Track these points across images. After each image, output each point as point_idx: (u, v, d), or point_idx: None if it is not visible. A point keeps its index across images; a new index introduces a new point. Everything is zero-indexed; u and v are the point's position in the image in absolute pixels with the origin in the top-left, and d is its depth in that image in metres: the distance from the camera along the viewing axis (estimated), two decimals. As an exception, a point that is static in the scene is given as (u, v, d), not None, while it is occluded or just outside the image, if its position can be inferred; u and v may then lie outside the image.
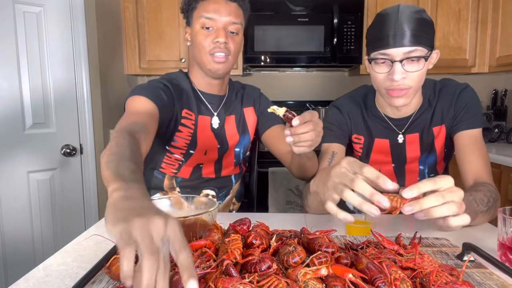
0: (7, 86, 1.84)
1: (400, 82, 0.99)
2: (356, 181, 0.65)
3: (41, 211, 2.01)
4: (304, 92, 3.03)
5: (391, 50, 0.97)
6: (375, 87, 1.10)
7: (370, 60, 1.04)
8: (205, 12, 1.11)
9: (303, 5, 2.53)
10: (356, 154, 1.26)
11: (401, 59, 0.98)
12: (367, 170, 0.66)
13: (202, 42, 1.12)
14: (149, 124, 0.95)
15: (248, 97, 1.32)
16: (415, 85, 1.02)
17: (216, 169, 1.27)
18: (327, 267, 0.59)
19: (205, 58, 1.14)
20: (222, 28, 1.11)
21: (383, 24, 0.99)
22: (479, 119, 1.10)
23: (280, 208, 2.37)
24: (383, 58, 1.00)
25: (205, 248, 0.64)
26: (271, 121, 1.29)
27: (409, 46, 0.96)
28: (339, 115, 1.22)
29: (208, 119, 1.22)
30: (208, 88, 1.23)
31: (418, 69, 0.99)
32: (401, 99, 1.03)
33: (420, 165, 1.20)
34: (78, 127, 2.14)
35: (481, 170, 1.05)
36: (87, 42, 2.13)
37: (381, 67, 1.02)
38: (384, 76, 1.02)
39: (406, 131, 1.17)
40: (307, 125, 0.82)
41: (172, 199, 0.89)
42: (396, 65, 0.98)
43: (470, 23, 2.62)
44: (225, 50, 1.12)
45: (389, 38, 0.97)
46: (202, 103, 1.22)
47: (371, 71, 1.06)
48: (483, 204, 0.92)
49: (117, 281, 0.65)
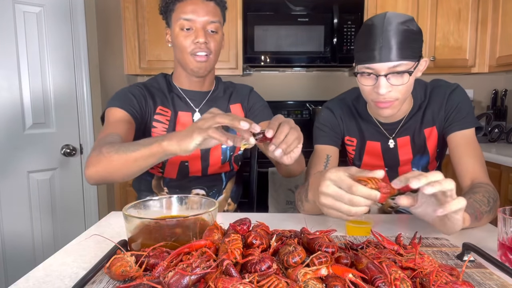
0: (7, 86, 1.84)
1: (386, 95, 1.00)
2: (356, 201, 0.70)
3: (41, 211, 2.01)
4: (304, 92, 3.03)
5: (376, 65, 0.97)
6: (364, 97, 1.10)
7: (356, 73, 1.04)
8: (183, 14, 1.12)
9: (303, 5, 2.53)
10: (349, 156, 1.27)
11: (385, 73, 0.97)
12: (356, 189, 0.69)
13: (182, 43, 1.14)
14: (127, 132, 1.07)
15: (237, 94, 1.33)
16: (402, 96, 1.02)
17: (203, 166, 1.27)
18: (327, 267, 0.59)
19: (187, 58, 1.16)
20: (201, 28, 1.13)
21: (369, 36, 0.98)
22: (471, 119, 1.11)
23: (280, 208, 2.37)
24: (368, 72, 1.00)
25: (205, 248, 0.64)
26: (260, 117, 1.29)
27: (395, 61, 0.96)
28: (332, 117, 1.22)
29: (189, 115, 1.24)
30: (189, 85, 1.25)
31: (403, 83, 0.99)
32: (387, 110, 1.04)
33: (413, 167, 1.20)
34: (78, 127, 2.14)
35: (477, 170, 1.05)
36: (87, 42, 2.13)
37: (367, 80, 1.02)
38: (370, 88, 1.02)
39: (397, 135, 1.17)
40: (283, 126, 0.81)
41: (168, 199, 0.89)
42: (381, 79, 0.98)
43: (470, 23, 2.62)
44: (206, 50, 1.14)
45: (375, 53, 0.96)
46: (182, 99, 1.25)
47: (358, 83, 1.07)
48: (485, 204, 0.92)
49: (117, 281, 0.65)
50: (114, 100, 1.15)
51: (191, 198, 0.88)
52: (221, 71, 2.60)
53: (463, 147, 1.09)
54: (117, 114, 1.12)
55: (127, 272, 0.63)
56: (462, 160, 1.08)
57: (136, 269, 0.64)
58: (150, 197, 0.87)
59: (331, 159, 1.17)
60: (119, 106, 1.13)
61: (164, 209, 0.87)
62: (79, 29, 2.09)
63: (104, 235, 0.89)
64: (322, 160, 1.17)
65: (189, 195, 0.89)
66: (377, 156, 1.20)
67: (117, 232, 0.93)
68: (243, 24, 2.58)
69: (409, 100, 1.15)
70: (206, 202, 0.85)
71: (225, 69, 2.63)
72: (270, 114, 1.31)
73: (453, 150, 1.11)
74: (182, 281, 0.55)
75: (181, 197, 0.89)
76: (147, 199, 0.86)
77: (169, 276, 0.57)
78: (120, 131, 1.05)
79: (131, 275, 0.63)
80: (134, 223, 0.74)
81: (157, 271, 0.61)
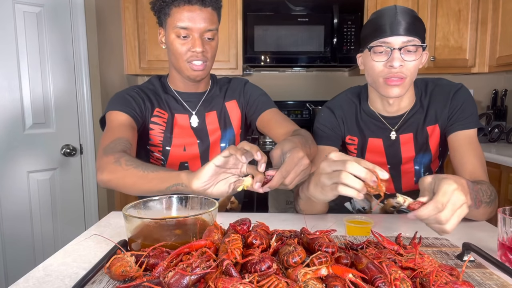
0: (7, 86, 1.84)
1: (398, 69, 1.03)
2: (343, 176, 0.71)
3: (41, 211, 2.01)
4: (304, 92, 3.03)
5: (390, 38, 1.02)
6: (372, 79, 1.11)
7: (370, 48, 1.07)
8: (180, 21, 1.09)
9: (303, 5, 2.53)
10: (351, 155, 1.26)
11: (399, 47, 1.02)
12: (351, 166, 0.71)
13: (178, 51, 1.12)
14: (133, 137, 1.08)
15: (232, 91, 1.31)
16: (411, 75, 1.05)
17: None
18: (327, 267, 0.59)
19: (183, 65, 1.14)
20: (198, 37, 1.11)
21: (381, 17, 1.05)
22: (475, 119, 1.12)
23: (280, 208, 2.37)
24: (382, 45, 1.04)
25: (205, 248, 0.64)
26: (261, 106, 1.27)
27: (407, 36, 1.01)
28: (332, 117, 1.23)
29: (186, 117, 1.24)
30: (185, 87, 1.24)
31: (415, 59, 1.04)
32: (397, 89, 1.06)
33: (415, 166, 1.20)
34: (78, 127, 2.14)
35: (478, 170, 1.06)
36: (87, 42, 2.13)
37: (379, 56, 1.05)
38: (383, 64, 1.05)
39: (399, 129, 1.18)
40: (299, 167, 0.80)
41: (168, 199, 0.89)
42: (395, 53, 1.02)
43: (470, 23, 2.62)
44: (202, 58, 1.13)
45: (387, 28, 1.02)
46: (178, 102, 1.24)
47: (368, 62, 1.09)
48: (487, 195, 0.94)
49: (117, 281, 0.65)
50: (114, 104, 1.14)
51: (191, 198, 0.88)
52: (221, 71, 2.60)
53: (464, 147, 1.09)
54: (119, 117, 1.11)
55: (127, 272, 0.63)
56: (463, 160, 1.08)
57: (136, 269, 0.64)
58: (150, 197, 0.87)
59: None
60: (120, 109, 1.12)
61: (164, 209, 0.87)
62: (79, 29, 2.09)
63: (104, 235, 0.89)
64: (320, 160, 1.17)
65: (189, 195, 0.89)
66: (379, 153, 1.20)
67: (117, 232, 0.93)
68: (243, 24, 2.58)
69: (411, 95, 1.16)
70: (206, 202, 0.85)
71: (225, 69, 2.63)
72: (268, 101, 1.28)
73: (454, 149, 1.12)
74: (182, 281, 0.55)
75: (181, 197, 0.89)
76: (147, 199, 0.86)
77: (169, 276, 0.57)
78: (128, 137, 1.05)
79: (131, 275, 0.63)
80: (134, 223, 0.74)
81: (157, 271, 0.61)
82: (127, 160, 0.93)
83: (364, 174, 0.71)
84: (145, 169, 0.89)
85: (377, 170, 0.71)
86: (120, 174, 0.91)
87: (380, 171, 0.71)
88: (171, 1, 1.10)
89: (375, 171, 0.71)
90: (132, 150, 1.03)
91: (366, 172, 0.71)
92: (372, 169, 0.72)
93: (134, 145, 1.07)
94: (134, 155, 1.06)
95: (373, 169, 0.72)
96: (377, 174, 0.71)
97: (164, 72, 1.30)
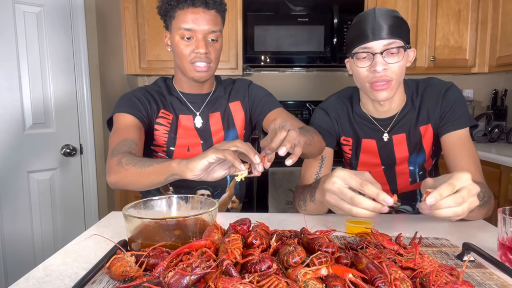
0: (7, 86, 1.84)
1: (382, 73, 1.03)
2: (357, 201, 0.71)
3: (41, 211, 2.01)
4: (304, 92, 3.03)
5: (371, 43, 1.02)
6: (359, 84, 1.11)
7: (352, 55, 1.07)
8: (184, 23, 1.12)
9: (303, 5, 2.53)
10: (346, 156, 1.27)
11: (381, 51, 1.02)
12: (368, 188, 0.70)
13: (183, 52, 1.14)
14: (140, 138, 1.11)
15: (236, 92, 1.32)
16: (396, 77, 1.05)
17: None
18: (327, 267, 0.59)
19: (187, 66, 1.16)
20: (202, 39, 1.13)
21: (361, 22, 1.05)
22: (466, 118, 1.12)
23: (280, 208, 2.37)
24: (364, 52, 1.04)
25: (205, 248, 0.64)
26: (267, 107, 1.27)
27: (388, 39, 1.01)
28: (327, 118, 1.23)
29: (190, 118, 1.25)
30: (189, 88, 1.26)
31: (398, 61, 1.03)
32: (384, 92, 1.06)
33: (410, 166, 1.20)
34: (78, 127, 2.14)
35: (472, 170, 1.05)
36: (87, 42, 2.13)
37: (362, 62, 1.05)
38: (366, 69, 1.05)
39: (391, 130, 1.18)
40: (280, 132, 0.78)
41: (168, 199, 0.89)
42: (377, 57, 1.02)
43: (470, 23, 2.62)
44: (206, 59, 1.15)
45: (368, 32, 1.02)
46: (182, 103, 1.26)
47: (353, 68, 1.09)
48: (480, 198, 0.92)
49: (117, 281, 0.65)
50: (121, 106, 1.16)
51: (191, 198, 0.89)
52: (221, 71, 2.60)
53: (457, 149, 1.10)
54: (126, 119, 1.13)
55: (127, 272, 0.63)
56: (457, 161, 1.08)
57: (136, 269, 0.64)
58: (150, 197, 0.88)
59: (325, 160, 1.18)
60: (127, 111, 1.14)
61: (164, 209, 0.88)
62: (79, 29, 2.09)
63: (104, 235, 0.89)
64: (317, 161, 1.18)
65: (189, 195, 0.90)
66: (373, 154, 1.21)
67: (117, 232, 0.93)
68: (243, 24, 2.58)
69: (401, 94, 1.16)
70: (206, 202, 0.85)
71: (225, 69, 2.63)
72: (274, 101, 1.29)
73: (447, 151, 1.12)
74: (182, 281, 0.55)
75: (181, 197, 0.89)
76: (147, 199, 0.86)
77: (169, 276, 0.57)
78: (134, 137, 1.08)
79: (131, 275, 0.63)
80: (134, 223, 0.74)
81: (157, 271, 0.61)
82: (127, 159, 0.95)
83: (372, 209, 0.71)
84: (141, 165, 0.92)
85: (380, 200, 0.70)
86: (123, 174, 0.94)
87: (384, 199, 0.70)
88: (176, 4, 1.12)
89: (379, 200, 0.71)
90: (138, 150, 1.05)
91: (373, 208, 0.70)
92: (376, 197, 0.71)
93: (140, 144, 1.09)
94: (141, 154, 1.08)
95: (377, 197, 0.70)
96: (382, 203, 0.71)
97: (164, 72, 1.30)
